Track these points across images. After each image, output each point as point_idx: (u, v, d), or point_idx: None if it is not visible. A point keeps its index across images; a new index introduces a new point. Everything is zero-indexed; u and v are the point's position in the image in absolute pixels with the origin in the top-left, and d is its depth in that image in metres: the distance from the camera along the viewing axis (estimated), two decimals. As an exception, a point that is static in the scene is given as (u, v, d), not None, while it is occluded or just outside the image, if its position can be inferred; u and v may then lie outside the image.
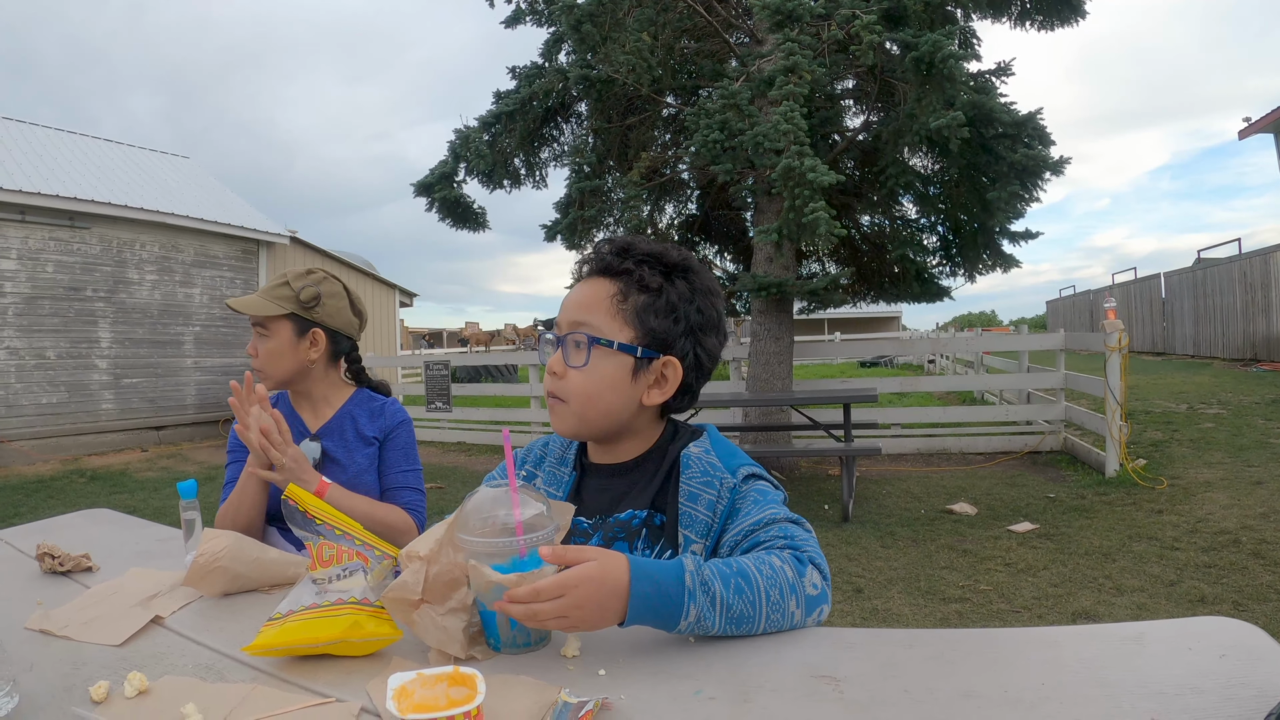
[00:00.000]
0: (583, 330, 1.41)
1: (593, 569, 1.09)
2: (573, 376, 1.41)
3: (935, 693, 0.95)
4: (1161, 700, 0.89)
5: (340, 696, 1.04)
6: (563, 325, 1.45)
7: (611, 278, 1.44)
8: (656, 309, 1.42)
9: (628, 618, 1.10)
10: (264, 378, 2.24)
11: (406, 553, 1.10)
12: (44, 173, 12.63)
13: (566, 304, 1.47)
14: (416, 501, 2.26)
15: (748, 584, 1.14)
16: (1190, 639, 1.04)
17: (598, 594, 1.08)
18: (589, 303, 1.44)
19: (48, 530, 2.09)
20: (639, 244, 1.47)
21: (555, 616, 1.07)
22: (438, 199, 9.66)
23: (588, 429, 1.47)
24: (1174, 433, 9.11)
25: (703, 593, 1.11)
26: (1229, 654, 0.98)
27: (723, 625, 1.12)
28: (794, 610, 1.17)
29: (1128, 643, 1.05)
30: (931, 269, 9.99)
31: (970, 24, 8.89)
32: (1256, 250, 17.20)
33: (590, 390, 1.41)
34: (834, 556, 5.49)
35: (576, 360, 1.41)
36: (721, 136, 7.17)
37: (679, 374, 1.45)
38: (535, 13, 9.73)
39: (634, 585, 1.10)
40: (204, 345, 14.47)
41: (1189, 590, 4.41)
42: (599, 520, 1.46)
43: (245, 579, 1.52)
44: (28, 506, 8.18)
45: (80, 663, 1.20)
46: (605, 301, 1.42)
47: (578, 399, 1.42)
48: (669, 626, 1.11)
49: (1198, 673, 0.95)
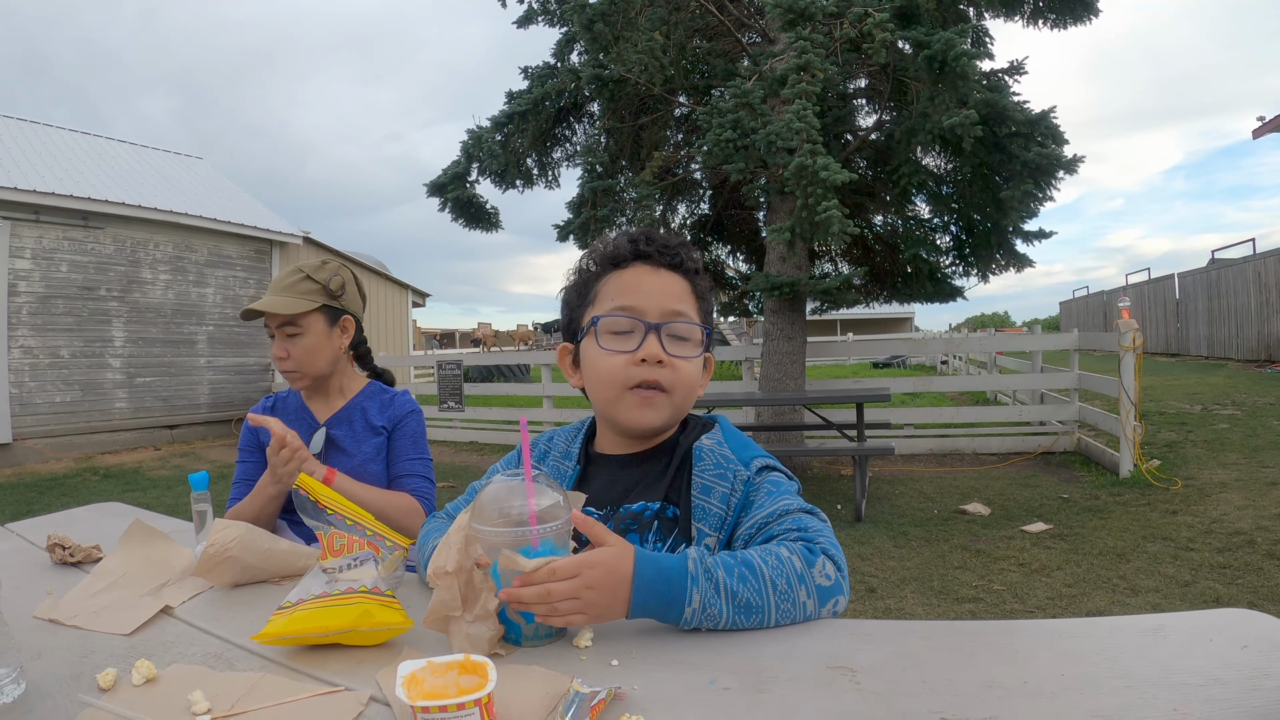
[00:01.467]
0: (687, 320, 1.41)
1: (607, 553, 1.11)
2: (681, 366, 1.40)
3: (955, 683, 0.94)
4: (1184, 691, 0.87)
5: (349, 685, 1.03)
6: (651, 312, 1.41)
7: (684, 275, 1.45)
8: (708, 311, 1.48)
9: (633, 605, 1.10)
10: (299, 378, 2.27)
11: (434, 570, 1.09)
12: (58, 173, 12.71)
13: (651, 290, 1.42)
14: (424, 488, 2.27)
15: (752, 572, 1.13)
16: (1211, 631, 1.03)
17: (610, 578, 1.09)
18: (679, 294, 1.44)
19: (60, 523, 2.10)
20: (685, 245, 1.49)
21: (568, 597, 1.07)
22: (450, 199, 9.68)
23: (675, 419, 1.47)
24: (1188, 433, 9.05)
25: (705, 578, 1.11)
26: (1251, 645, 0.97)
27: (731, 614, 1.11)
28: (805, 600, 1.15)
29: (1147, 635, 1.04)
30: (944, 269, 9.95)
31: (983, 22, 8.88)
32: (1270, 250, 17.10)
33: (694, 381, 1.44)
34: (847, 556, 5.35)
35: (688, 351, 1.42)
36: (734, 136, 7.16)
37: (712, 368, 1.52)
38: (547, 13, 9.74)
39: (638, 570, 1.10)
40: (217, 345, 14.53)
41: (1203, 591, 4.38)
42: (610, 511, 1.45)
43: (255, 570, 1.52)
44: (41, 504, 8.22)
45: (89, 651, 1.20)
46: (689, 296, 1.44)
47: (682, 390, 1.42)
48: (675, 614, 1.11)
49: (1220, 664, 0.93)
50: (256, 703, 0.99)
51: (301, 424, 2.27)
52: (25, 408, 11.71)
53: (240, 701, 0.99)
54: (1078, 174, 7.43)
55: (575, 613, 1.09)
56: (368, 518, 1.44)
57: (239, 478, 2.27)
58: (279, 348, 2.24)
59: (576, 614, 1.09)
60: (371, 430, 2.29)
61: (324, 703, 0.99)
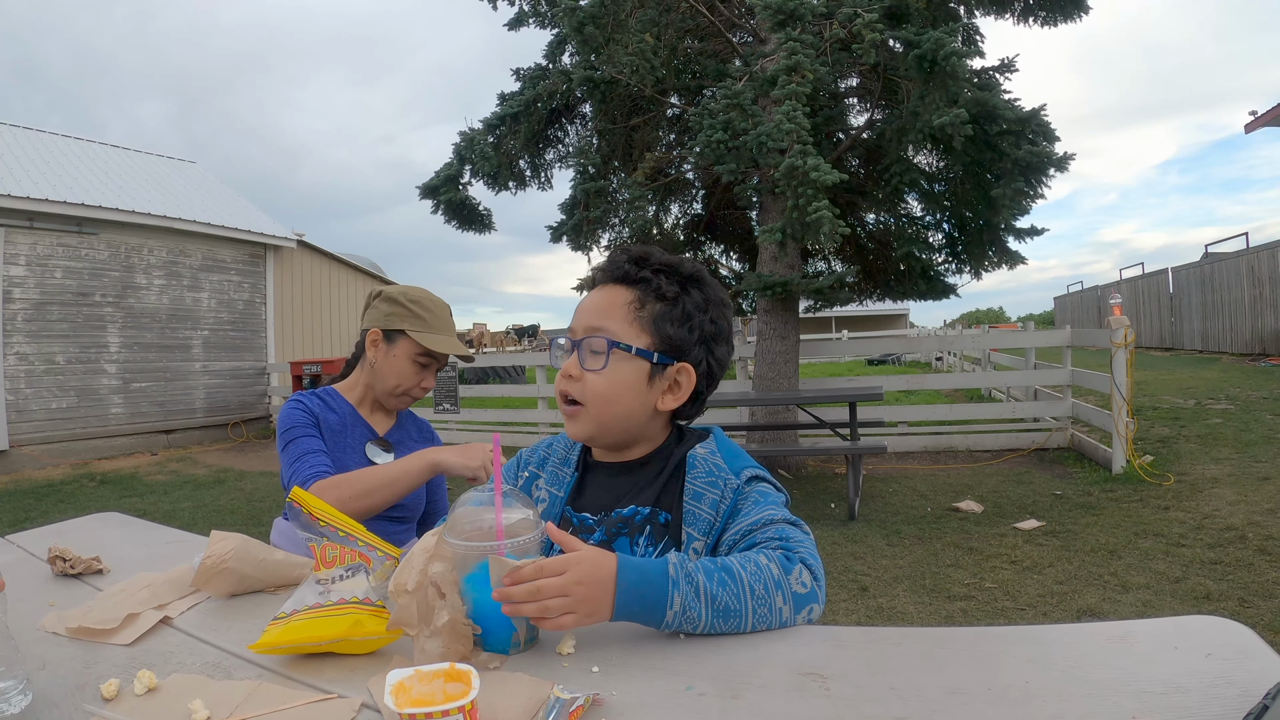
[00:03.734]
0: (600, 335, 1.43)
1: (590, 551, 1.15)
2: (590, 379, 1.43)
3: (922, 690, 0.96)
4: (1145, 699, 0.89)
5: (342, 693, 1.06)
6: (578, 330, 1.47)
7: (629, 285, 1.47)
8: (672, 317, 1.45)
9: (617, 608, 1.13)
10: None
11: (395, 587, 1.13)
12: (52, 179, 12.69)
13: (582, 309, 1.49)
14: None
15: (731, 578, 1.16)
16: (1177, 638, 1.05)
17: (597, 573, 1.12)
18: (606, 308, 1.46)
19: (59, 534, 2.12)
20: (655, 254, 1.50)
21: (558, 594, 1.10)
22: (443, 201, 9.69)
23: (603, 432, 1.48)
24: (1181, 429, 9.09)
25: (686, 582, 1.14)
26: (1215, 653, 0.99)
27: (709, 618, 1.14)
28: (781, 607, 1.18)
29: (1114, 641, 1.06)
30: (937, 266, 9.98)
31: (973, 21, 8.91)
32: (1264, 244, 17.11)
33: (608, 393, 1.43)
34: (840, 555, 5.51)
35: (594, 364, 1.43)
36: (725, 136, 7.19)
37: (692, 380, 1.48)
38: (539, 15, 9.77)
39: (621, 575, 1.13)
40: (212, 349, 14.53)
41: (1194, 587, 4.41)
42: (603, 516, 1.48)
43: (251, 580, 1.55)
44: (39, 510, 8.23)
45: (92, 662, 1.22)
46: (622, 308, 1.45)
47: (595, 401, 1.44)
48: (656, 617, 1.13)
49: (1183, 671, 0.95)
50: (254, 710, 1.02)
51: (358, 431, 2.32)
52: (21, 414, 11.71)
53: (238, 709, 1.02)
54: (1069, 170, 7.47)
55: (565, 611, 1.10)
56: (360, 529, 1.47)
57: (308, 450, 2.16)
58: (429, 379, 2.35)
59: (566, 614, 1.10)
60: (415, 448, 2.33)
61: (318, 709, 1.02)
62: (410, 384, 2.31)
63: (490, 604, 1.14)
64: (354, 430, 2.30)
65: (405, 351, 2.28)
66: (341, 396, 2.36)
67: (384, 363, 2.30)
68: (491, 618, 1.16)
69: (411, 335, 2.26)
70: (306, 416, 2.22)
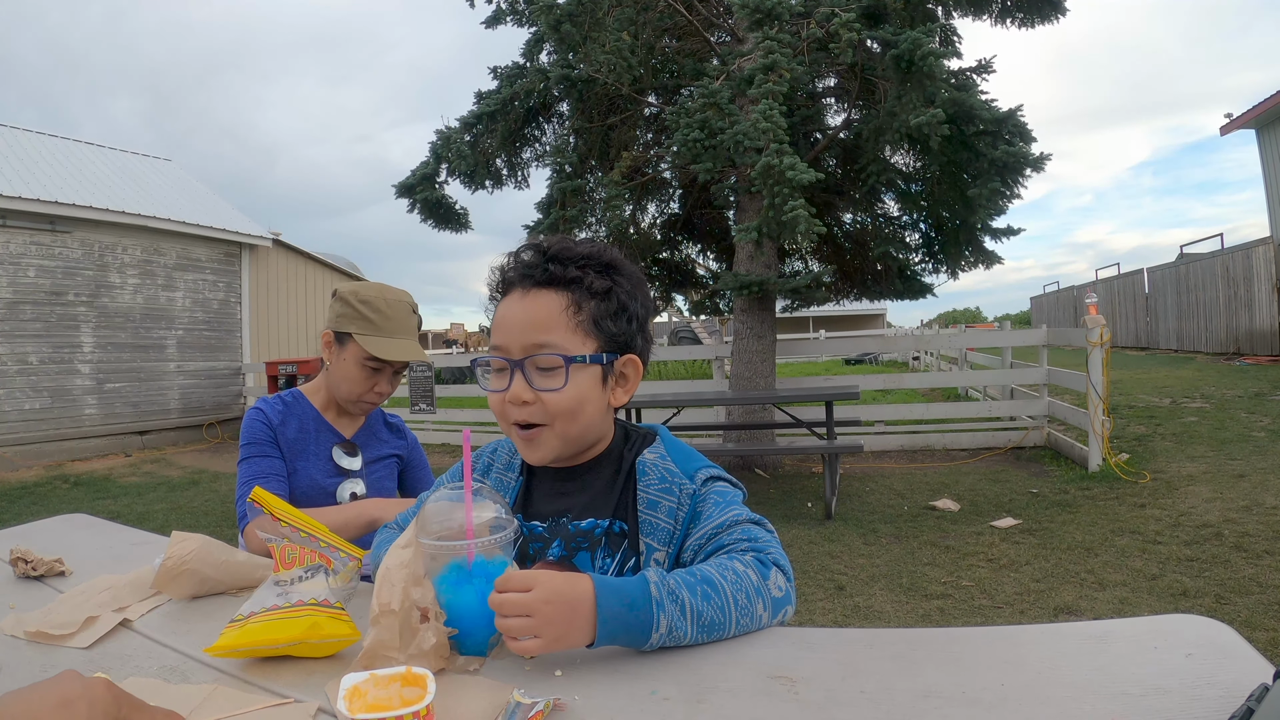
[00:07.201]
0: (548, 351, 1.32)
1: (556, 575, 1.08)
2: (549, 399, 1.32)
3: (893, 693, 0.94)
4: (1125, 701, 0.88)
5: (299, 697, 1.04)
6: (514, 349, 1.35)
7: (557, 289, 1.36)
8: (610, 312, 1.37)
9: (598, 637, 1.06)
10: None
11: (381, 607, 1.08)
12: (24, 176, 12.55)
13: (510, 324, 1.36)
14: None
15: (715, 590, 1.13)
16: (1157, 637, 1.03)
17: (567, 594, 1.06)
18: (544, 320, 1.34)
19: (24, 535, 2.08)
20: (569, 246, 1.40)
21: (520, 612, 1.04)
22: (419, 200, 9.65)
23: (570, 448, 1.40)
24: (1157, 427, 9.15)
25: (671, 601, 1.09)
26: (1195, 653, 0.97)
27: (695, 634, 1.10)
28: (761, 613, 1.16)
29: (1092, 641, 1.04)
30: (914, 266, 10.04)
31: (951, 21, 8.93)
32: (1238, 245, 17.31)
33: (572, 408, 1.34)
34: (816, 554, 5.50)
35: (551, 383, 1.33)
36: (702, 135, 7.18)
37: (639, 370, 1.43)
38: (516, 13, 9.74)
39: (601, 602, 1.06)
40: (187, 349, 14.41)
41: (1171, 584, 4.43)
42: (554, 524, 1.42)
43: (213, 581, 1.52)
44: (11, 513, 8.13)
45: (50, 665, 1.20)
46: (561, 315, 1.34)
47: (561, 420, 1.34)
48: (641, 641, 1.08)
49: (1163, 672, 0.93)
50: (210, 714, 1.00)
51: (322, 437, 2.24)
52: (-7, 415, 11.58)
53: (194, 714, 1.00)
54: (1045, 171, 7.49)
55: (529, 632, 1.04)
56: (322, 529, 1.44)
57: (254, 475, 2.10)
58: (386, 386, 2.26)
59: (531, 639, 1.04)
60: (384, 448, 2.34)
61: (274, 714, 1.00)
62: (361, 390, 2.20)
63: (463, 605, 1.12)
64: (318, 437, 2.22)
65: (353, 356, 2.17)
66: (307, 400, 2.28)
67: (336, 366, 2.21)
68: (466, 619, 1.13)
69: (357, 339, 2.16)
70: (265, 431, 2.14)
